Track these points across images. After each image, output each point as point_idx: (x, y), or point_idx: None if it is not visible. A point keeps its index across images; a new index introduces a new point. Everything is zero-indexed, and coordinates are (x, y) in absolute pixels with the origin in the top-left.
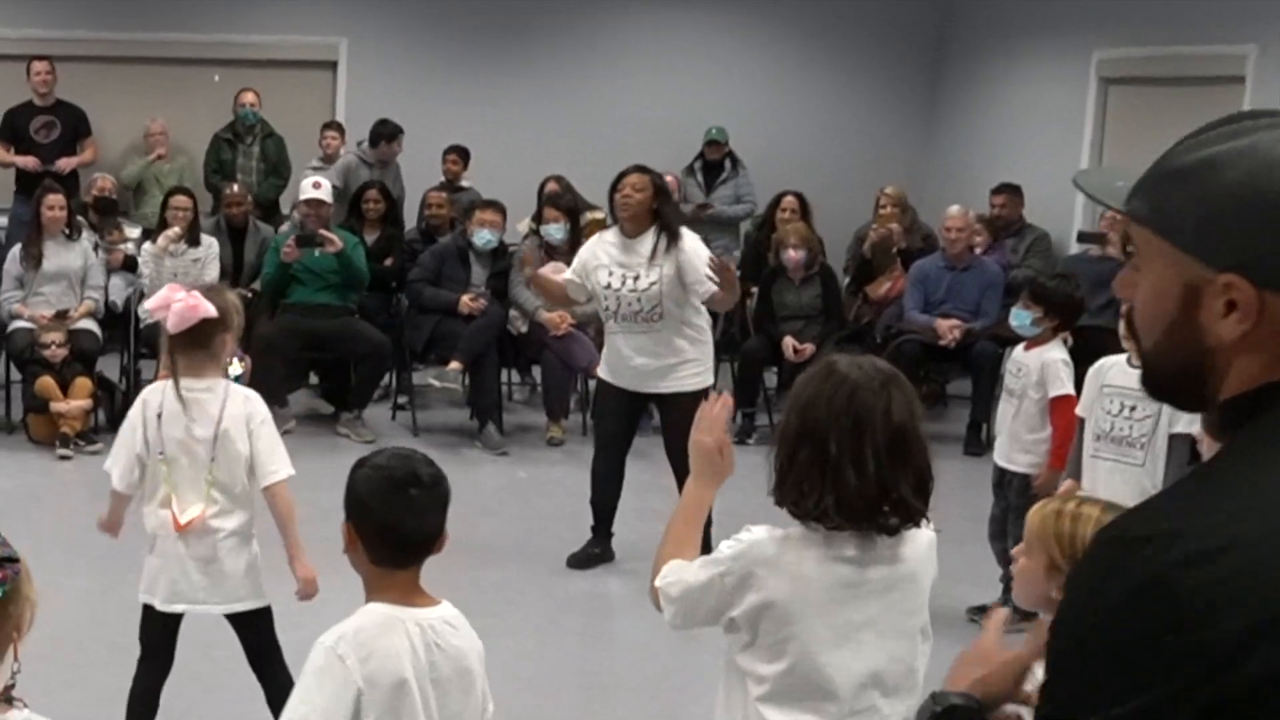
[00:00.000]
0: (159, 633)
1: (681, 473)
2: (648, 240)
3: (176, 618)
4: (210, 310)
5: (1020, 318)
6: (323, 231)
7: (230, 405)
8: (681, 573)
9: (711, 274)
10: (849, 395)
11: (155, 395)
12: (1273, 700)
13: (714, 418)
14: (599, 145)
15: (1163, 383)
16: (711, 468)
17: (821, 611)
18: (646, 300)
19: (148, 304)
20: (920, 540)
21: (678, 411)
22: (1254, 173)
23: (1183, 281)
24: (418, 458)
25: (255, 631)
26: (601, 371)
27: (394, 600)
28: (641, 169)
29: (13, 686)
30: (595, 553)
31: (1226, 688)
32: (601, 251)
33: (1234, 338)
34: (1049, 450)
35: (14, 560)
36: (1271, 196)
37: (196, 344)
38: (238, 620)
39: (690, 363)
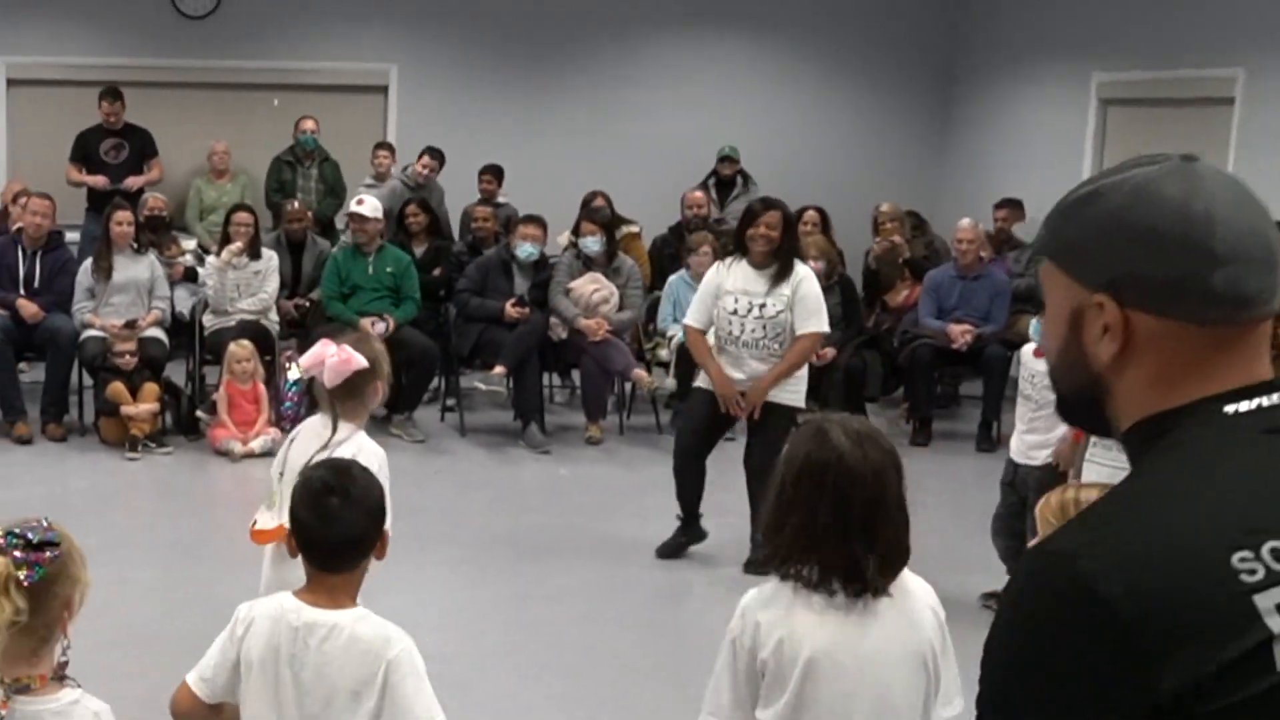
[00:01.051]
0: None
1: (755, 480)
2: (775, 272)
3: None
4: (362, 363)
5: (1040, 329)
6: (378, 326)
7: (340, 450)
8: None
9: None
10: (837, 469)
11: (305, 425)
12: (1194, 706)
13: None
14: (626, 163)
15: (1068, 408)
16: None
17: (818, 650)
18: (772, 327)
19: (302, 360)
20: (912, 600)
21: (771, 423)
22: (1127, 202)
23: (1069, 306)
24: (352, 466)
25: None
26: (700, 382)
27: (307, 599)
28: (774, 205)
29: (65, 664)
30: (682, 541)
31: (1153, 692)
32: (728, 279)
33: (1108, 358)
34: (1064, 439)
35: (54, 544)
36: (1137, 222)
37: (349, 394)
38: None
39: (796, 380)
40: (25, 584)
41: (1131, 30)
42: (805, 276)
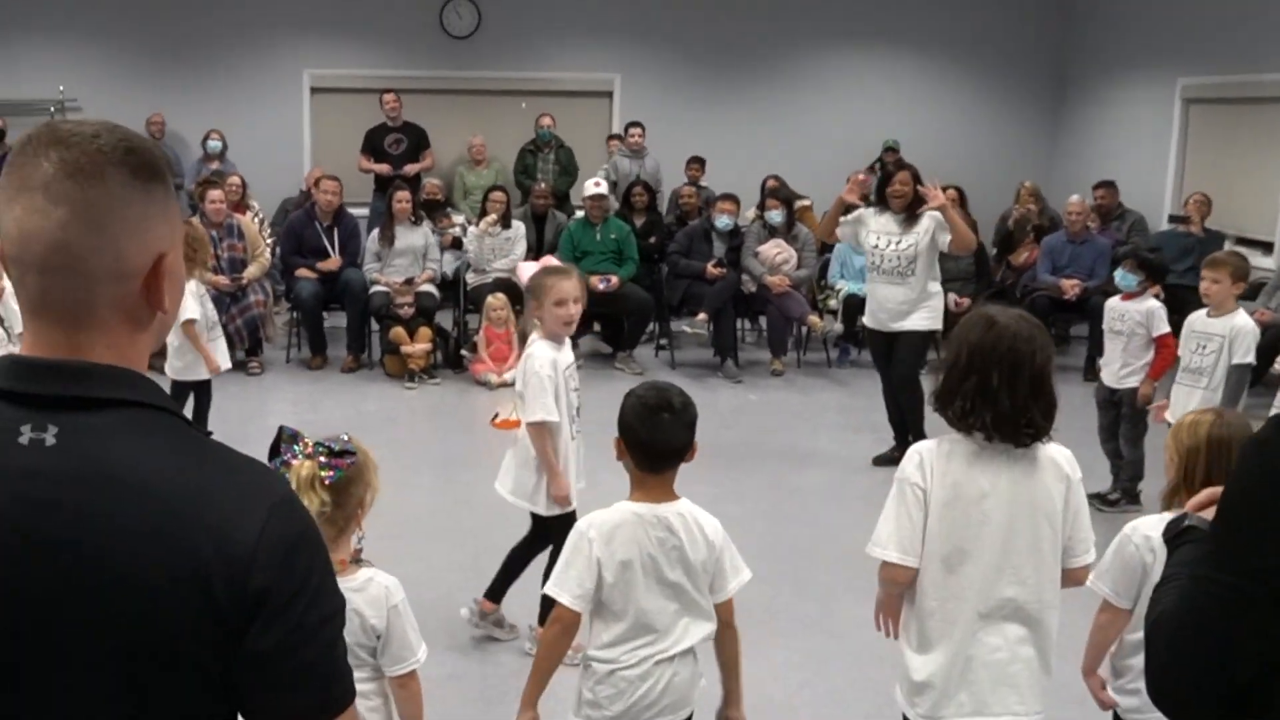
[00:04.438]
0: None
1: (901, 392)
2: (907, 217)
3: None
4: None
5: (1127, 280)
6: (604, 283)
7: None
8: (877, 531)
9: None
10: (1009, 343)
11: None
12: None
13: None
14: (805, 151)
15: None
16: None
17: (964, 505)
18: (904, 258)
19: (520, 272)
20: (1050, 453)
21: (904, 343)
22: None
23: None
24: (671, 389)
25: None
26: (866, 320)
27: (641, 499)
28: (904, 167)
29: (360, 550)
30: (895, 455)
31: None
32: (873, 222)
33: None
34: (1148, 367)
35: (351, 454)
36: None
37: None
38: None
39: (923, 309)
40: (327, 483)
41: (1209, 41)
42: (934, 222)
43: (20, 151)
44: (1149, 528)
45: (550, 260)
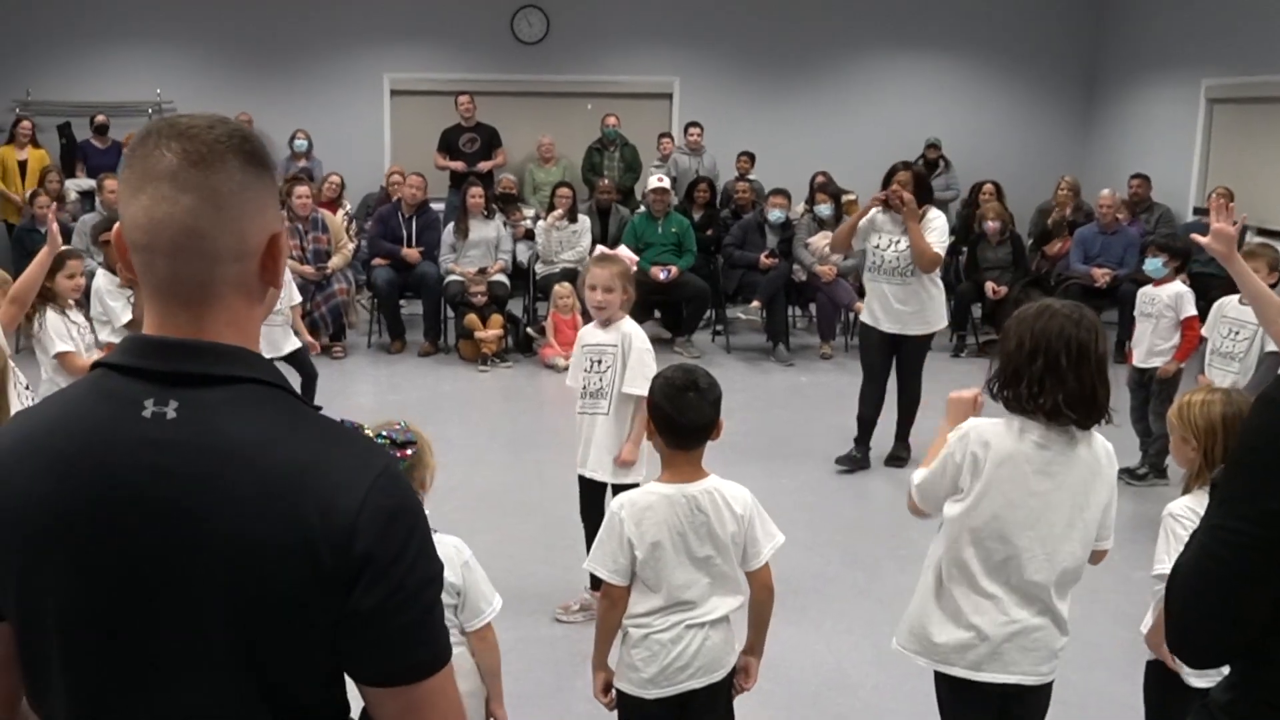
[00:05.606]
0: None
1: (905, 392)
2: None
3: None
4: (633, 257)
5: (1154, 264)
6: (665, 273)
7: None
8: (922, 473)
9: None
10: (1073, 329)
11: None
12: None
13: (967, 400)
14: (851, 148)
15: None
16: (961, 414)
17: (1017, 484)
18: (903, 259)
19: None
20: (1099, 442)
21: (910, 348)
22: None
23: None
24: (697, 370)
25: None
26: (864, 317)
27: (669, 479)
28: (907, 166)
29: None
30: (857, 457)
31: None
32: (878, 222)
33: None
34: (1175, 349)
35: (412, 443)
36: None
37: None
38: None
39: (925, 312)
40: None
41: (1231, 44)
42: (933, 218)
43: (141, 144)
44: (1190, 509)
45: (603, 249)
